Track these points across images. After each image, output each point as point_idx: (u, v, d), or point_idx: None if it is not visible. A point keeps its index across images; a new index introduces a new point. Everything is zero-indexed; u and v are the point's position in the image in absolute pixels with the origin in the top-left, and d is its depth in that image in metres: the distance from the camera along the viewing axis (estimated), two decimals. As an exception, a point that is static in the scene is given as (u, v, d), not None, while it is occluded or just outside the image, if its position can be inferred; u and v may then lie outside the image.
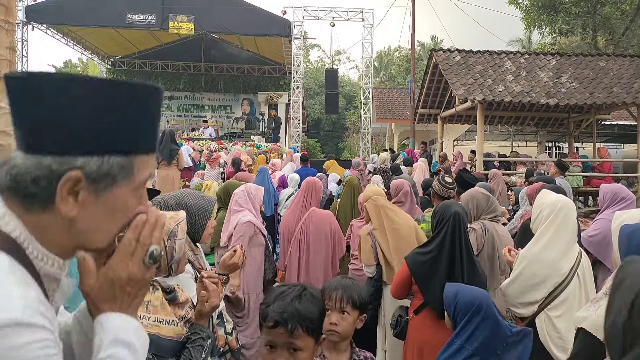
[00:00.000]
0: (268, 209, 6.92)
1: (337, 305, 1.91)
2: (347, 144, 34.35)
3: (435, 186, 4.07)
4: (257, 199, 3.74)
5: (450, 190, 3.99)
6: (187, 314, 1.67)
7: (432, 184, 4.14)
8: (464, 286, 2.28)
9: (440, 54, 11.89)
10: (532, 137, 16.24)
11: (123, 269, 0.84)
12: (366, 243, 3.50)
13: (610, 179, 10.13)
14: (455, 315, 2.12)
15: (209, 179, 8.72)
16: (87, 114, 0.77)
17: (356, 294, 1.94)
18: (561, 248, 2.60)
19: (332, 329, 1.86)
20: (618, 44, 17.10)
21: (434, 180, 4.19)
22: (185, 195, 2.22)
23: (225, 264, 2.22)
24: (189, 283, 1.96)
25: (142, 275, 0.87)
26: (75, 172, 0.76)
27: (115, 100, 0.79)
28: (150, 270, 0.88)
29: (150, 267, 0.88)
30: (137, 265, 0.85)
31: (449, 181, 4.05)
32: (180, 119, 22.71)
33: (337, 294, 1.92)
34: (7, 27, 2.77)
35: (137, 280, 0.86)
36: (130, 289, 0.86)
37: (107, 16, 16.42)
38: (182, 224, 1.66)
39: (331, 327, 1.86)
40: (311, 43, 40.39)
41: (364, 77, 19.11)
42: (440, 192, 4.01)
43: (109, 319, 0.84)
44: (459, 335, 2.08)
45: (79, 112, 0.76)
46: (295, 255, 3.91)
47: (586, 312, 1.82)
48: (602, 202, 4.05)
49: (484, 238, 3.30)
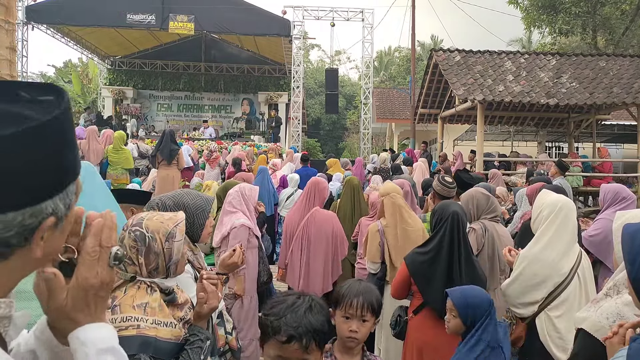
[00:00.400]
0: (268, 209, 6.92)
1: (358, 313, 1.87)
2: (347, 144, 34.35)
3: (435, 186, 4.07)
4: (251, 199, 3.64)
5: (451, 189, 3.99)
6: (186, 315, 1.66)
7: (432, 184, 4.14)
8: (466, 289, 2.29)
9: (440, 54, 11.88)
10: (532, 137, 16.23)
11: (94, 275, 0.85)
12: (374, 240, 3.47)
13: (610, 179, 10.13)
14: (472, 317, 2.17)
15: (209, 179, 8.72)
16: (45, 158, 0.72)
17: (375, 300, 1.93)
18: (561, 248, 2.59)
19: (352, 336, 1.83)
20: (618, 44, 17.10)
21: (434, 179, 4.19)
22: (183, 195, 2.21)
23: (224, 264, 2.21)
24: (189, 283, 1.96)
25: (110, 277, 0.88)
26: (50, 220, 0.74)
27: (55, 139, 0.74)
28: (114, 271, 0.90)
29: (115, 268, 0.90)
30: (105, 269, 0.86)
31: (449, 180, 4.05)
32: (180, 119, 22.70)
33: (359, 302, 1.88)
34: (7, 27, 2.77)
35: (107, 283, 0.87)
36: (104, 293, 0.87)
37: (107, 16, 16.42)
38: (180, 225, 1.65)
39: (351, 335, 1.83)
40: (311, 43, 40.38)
41: (364, 77, 19.11)
42: (440, 192, 4.01)
43: (86, 331, 0.85)
44: (477, 331, 2.16)
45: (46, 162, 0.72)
46: (297, 255, 3.91)
47: (586, 313, 1.82)
48: (603, 202, 4.04)
49: (484, 238, 3.30)
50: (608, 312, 1.76)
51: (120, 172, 8.29)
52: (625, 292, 1.63)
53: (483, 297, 2.24)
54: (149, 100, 22.66)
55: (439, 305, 2.68)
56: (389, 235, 3.45)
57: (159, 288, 1.60)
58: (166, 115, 22.61)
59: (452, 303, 2.22)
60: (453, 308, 2.22)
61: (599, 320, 1.75)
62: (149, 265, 1.59)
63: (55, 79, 29.45)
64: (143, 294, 1.56)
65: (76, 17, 16.41)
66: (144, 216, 1.66)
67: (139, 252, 1.59)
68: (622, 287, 1.66)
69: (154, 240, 1.59)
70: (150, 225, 1.61)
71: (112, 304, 1.50)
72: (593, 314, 1.77)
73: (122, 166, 8.41)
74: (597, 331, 1.71)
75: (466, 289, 2.30)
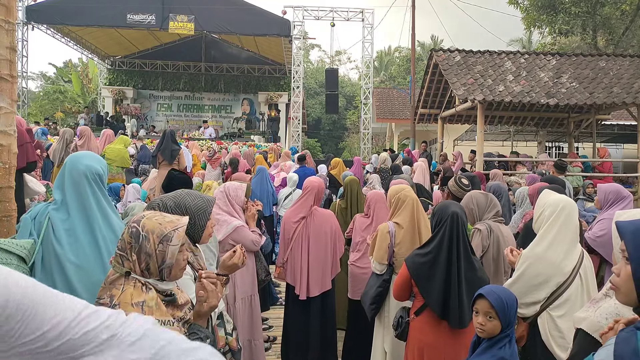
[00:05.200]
0: (267, 209, 6.91)
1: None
2: (347, 144, 34.34)
3: (451, 186, 4.06)
4: (237, 199, 3.55)
5: (466, 191, 3.96)
6: (185, 315, 1.65)
7: (448, 184, 4.14)
8: (499, 289, 2.22)
9: (440, 54, 11.88)
10: (532, 137, 16.23)
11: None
12: (384, 241, 3.37)
13: (610, 179, 10.13)
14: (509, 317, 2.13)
15: (210, 179, 8.71)
16: None
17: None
18: (564, 248, 2.59)
19: None
20: (618, 44, 17.09)
21: (450, 180, 4.18)
22: (184, 195, 2.20)
23: (225, 265, 2.20)
24: (189, 285, 1.95)
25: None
26: None
27: None
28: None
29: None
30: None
31: (466, 182, 4.04)
32: (180, 119, 22.71)
33: None
34: (7, 27, 2.76)
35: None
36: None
37: (107, 16, 16.42)
38: (180, 230, 1.61)
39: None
40: (311, 43, 40.42)
41: (364, 77, 19.10)
42: (456, 193, 4.01)
43: None
44: (510, 326, 2.14)
45: None
46: (297, 254, 3.90)
47: (585, 313, 1.82)
48: (605, 202, 4.06)
49: (489, 239, 3.29)
50: (607, 313, 1.76)
51: (115, 172, 8.24)
52: None
53: (514, 297, 2.19)
54: (149, 100, 22.66)
55: (439, 307, 2.68)
56: (401, 237, 3.36)
57: (154, 287, 1.59)
58: (166, 115, 22.62)
59: (490, 305, 2.11)
60: (490, 310, 2.11)
61: (598, 321, 1.74)
62: (140, 264, 1.57)
63: (55, 79, 29.44)
64: (139, 292, 1.54)
65: (76, 17, 16.42)
66: (146, 214, 1.65)
67: (132, 249, 1.57)
68: None
69: (147, 240, 1.56)
70: (147, 224, 1.59)
71: (111, 303, 1.50)
72: (592, 314, 1.77)
73: (117, 164, 8.32)
74: (596, 331, 1.71)
75: (499, 289, 2.22)
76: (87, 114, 18.30)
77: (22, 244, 1.99)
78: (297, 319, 3.96)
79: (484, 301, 2.14)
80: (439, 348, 2.70)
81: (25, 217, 2.16)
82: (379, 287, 3.36)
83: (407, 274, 2.79)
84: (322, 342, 3.95)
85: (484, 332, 2.14)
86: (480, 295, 2.18)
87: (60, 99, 26.22)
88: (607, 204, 4.01)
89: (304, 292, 3.85)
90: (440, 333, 2.71)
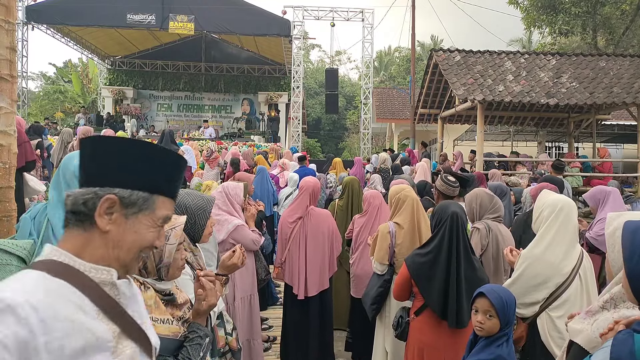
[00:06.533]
0: (268, 209, 6.91)
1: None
2: (347, 144, 34.34)
3: (439, 185, 4.06)
4: (236, 198, 3.57)
5: (454, 188, 3.98)
6: (184, 315, 1.66)
7: (436, 183, 4.15)
8: (499, 288, 2.22)
9: (440, 54, 11.88)
10: (532, 137, 16.23)
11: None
12: (384, 241, 3.38)
13: (610, 179, 10.12)
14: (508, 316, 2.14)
15: (208, 178, 8.71)
16: (124, 164, 1.09)
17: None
18: (563, 248, 2.59)
19: None
20: (618, 44, 17.09)
21: (438, 179, 4.19)
22: (184, 195, 2.20)
23: (224, 265, 2.20)
24: (188, 284, 1.95)
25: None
26: (112, 195, 1.06)
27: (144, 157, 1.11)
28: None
29: None
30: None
31: (452, 180, 4.04)
32: (180, 119, 22.70)
33: None
34: (7, 27, 2.76)
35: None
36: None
37: (107, 16, 16.42)
38: (177, 229, 1.62)
39: None
40: (311, 43, 40.42)
41: (364, 77, 19.10)
42: (444, 191, 4.00)
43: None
44: (509, 325, 2.15)
45: (119, 162, 1.09)
46: (295, 254, 3.90)
47: (581, 325, 1.78)
48: (602, 202, 4.10)
49: (487, 238, 3.29)
50: (603, 327, 1.74)
51: None
52: (623, 307, 1.62)
53: (512, 297, 2.20)
54: (149, 100, 22.66)
55: (439, 307, 2.68)
56: (402, 237, 3.36)
57: (152, 287, 1.59)
58: (166, 115, 22.62)
59: (490, 303, 2.12)
60: (490, 309, 2.12)
61: (595, 336, 1.72)
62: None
63: (56, 79, 29.43)
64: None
65: (76, 17, 16.41)
66: None
67: None
68: (620, 300, 1.64)
69: None
70: None
71: None
72: (588, 327, 1.74)
73: None
74: (592, 348, 1.69)
75: (499, 288, 2.22)
76: (84, 114, 18.30)
77: (22, 244, 2.00)
78: (296, 318, 3.97)
79: (484, 300, 2.15)
80: (439, 348, 2.70)
81: (24, 217, 2.17)
82: (379, 287, 3.36)
83: (407, 273, 2.79)
84: (320, 342, 3.95)
85: (483, 331, 2.14)
86: (480, 293, 2.18)
87: (60, 99, 26.23)
88: (600, 204, 4.07)
89: (302, 292, 3.86)
90: (440, 333, 2.71)
